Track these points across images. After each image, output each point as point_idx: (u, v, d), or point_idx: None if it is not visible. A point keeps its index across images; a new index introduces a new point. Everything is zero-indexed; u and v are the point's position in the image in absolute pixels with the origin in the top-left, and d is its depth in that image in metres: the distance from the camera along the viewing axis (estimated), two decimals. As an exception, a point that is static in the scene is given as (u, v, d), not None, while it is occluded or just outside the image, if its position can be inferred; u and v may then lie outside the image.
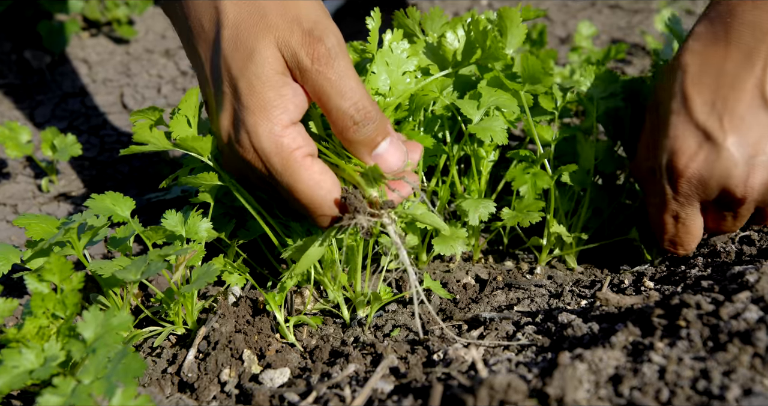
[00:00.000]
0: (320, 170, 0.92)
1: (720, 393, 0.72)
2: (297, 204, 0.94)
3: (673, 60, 1.08)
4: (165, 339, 1.05)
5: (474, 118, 1.09)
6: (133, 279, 0.93)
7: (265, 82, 0.90)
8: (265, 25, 0.91)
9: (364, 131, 0.92)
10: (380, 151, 0.94)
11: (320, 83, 0.90)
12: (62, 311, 0.88)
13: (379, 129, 0.93)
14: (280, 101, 0.90)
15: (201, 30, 0.96)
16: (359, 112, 0.91)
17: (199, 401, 0.93)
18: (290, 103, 0.91)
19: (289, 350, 1.02)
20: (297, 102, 0.91)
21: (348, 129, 0.92)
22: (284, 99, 0.90)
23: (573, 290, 1.10)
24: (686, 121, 1.03)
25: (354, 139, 0.92)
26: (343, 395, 0.86)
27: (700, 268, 1.08)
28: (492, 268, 1.21)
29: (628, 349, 0.82)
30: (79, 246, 1.01)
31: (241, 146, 0.92)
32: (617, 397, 0.75)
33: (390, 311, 1.10)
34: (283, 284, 1.05)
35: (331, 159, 0.96)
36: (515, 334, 0.98)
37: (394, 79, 1.07)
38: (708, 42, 1.04)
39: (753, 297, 0.85)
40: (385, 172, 0.94)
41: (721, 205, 1.06)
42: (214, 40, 0.94)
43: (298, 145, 0.91)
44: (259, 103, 0.90)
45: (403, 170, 0.96)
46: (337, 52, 0.91)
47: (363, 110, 0.91)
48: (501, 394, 0.73)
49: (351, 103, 0.91)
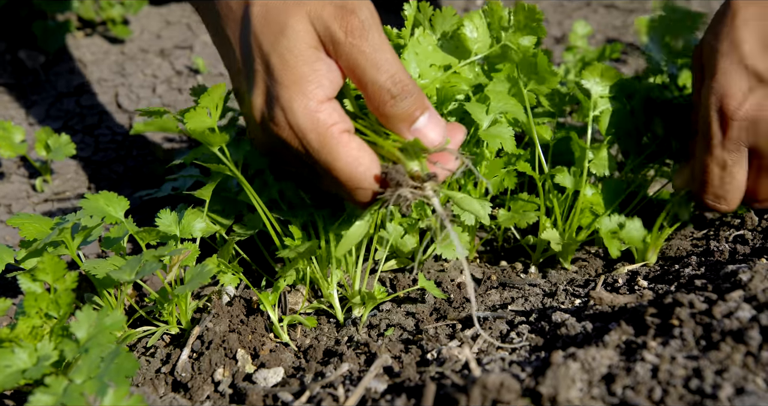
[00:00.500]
0: (358, 146, 0.89)
1: (712, 392, 0.72)
2: (335, 183, 0.92)
3: (722, 5, 1.07)
4: (159, 339, 1.05)
5: (483, 123, 1.09)
6: (128, 279, 0.93)
7: (299, 56, 0.87)
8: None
9: (402, 105, 0.89)
10: (419, 126, 0.91)
11: (354, 56, 0.88)
12: (55, 311, 0.88)
13: (417, 103, 0.90)
14: (314, 76, 0.88)
15: (229, 10, 0.94)
16: (396, 86, 0.88)
17: (193, 400, 0.93)
18: (324, 79, 0.88)
19: (283, 349, 1.02)
20: (331, 77, 0.89)
21: (385, 103, 0.89)
22: (318, 74, 0.88)
23: (567, 289, 1.10)
24: (737, 62, 1.02)
25: (392, 113, 0.89)
26: (337, 394, 0.86)
27: (694, 267, 1.08)
28: (487, 267, 1.21)
29: (621, 348, 0.83)
30: (72, 246, 1.01)
31: (276, 124, 0.90)
32: (610, 396, 0.75)
33: (384, 310, 1.10)
34: (277, 283, 1.05)
35: (369, 137, 0.93)
36: (509, 333, 0.98)
37: (423, 69, 1.07)
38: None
39: (746, 296, 0.85)
40: (427, 146, 0.90)
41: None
42: (242, 18, 0.92)
43: (334, 121, 0.88)
44: (293, 78, 0.87)
45: (444, 148, 0.92)
46: (370, 25, 0.88)
47: (400, 83, 0.88)
48: (494, 393, 0.73)
49: (387, 76, 0.88)
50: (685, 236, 1.24)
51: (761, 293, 0.84)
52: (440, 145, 0.91)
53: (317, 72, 0.88)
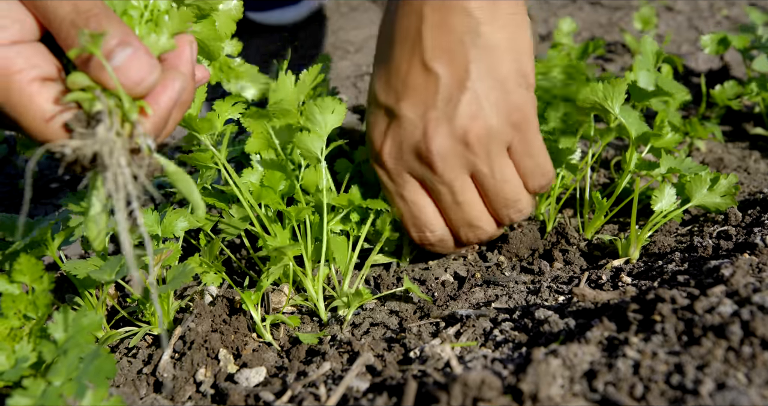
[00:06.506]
0: (51, 98, 0.72)
1: (694, 387, 0.72)
2: (31, 138, 0.76)
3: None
4: (141, 339, 1.04)
5: None
6: (108, 279, 0.92)
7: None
8: None
9: (92, 37, 0.71)
10: (116, 63, 0.72)
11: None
12: (34, 312, 0.87)
13: (114, 34, 0.72)
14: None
15: None
16: (81, 16, 0.72)
17: (174, 401, 0.92)
18: (5, 19, 0.73)
19: (266, 349, 1.01)
20: (16, 17, 0.73)
21: (72, 39, 0.72)
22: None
23: (551, 286, 1.10)
24: (375, 107, 1.08)
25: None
26: (318, 393, 0.85)
27: (677, 263, 1.08)
28: (471, 265, 1.21)
29: (603, 344, 0.82)
30: (53, 246, 1.01)
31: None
32: (591, 392, 0.75)
33: (368, 309, 1.10)
34: (260, 282, 1.05)
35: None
36: (492, 330, 0.98)
37: None
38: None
39: (728, 291, 0.85)
40: (130, 87, 0.73)
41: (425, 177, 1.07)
42: None
43: (20, 68, 0.72)
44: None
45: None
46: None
47: (86, 13, 0.72)
48: (475, 391, 0.73)
49: (71, 7, 0.72)
50: (670, 232, 1.24)
51: (743, 288, 0.84)
52: (148, 82, 0.74)
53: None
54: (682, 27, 2.19)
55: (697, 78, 1.83)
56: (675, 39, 2.10)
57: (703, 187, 1.16)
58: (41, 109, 0.72)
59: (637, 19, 1.93)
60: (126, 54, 0.72)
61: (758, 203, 1.26)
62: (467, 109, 1.01)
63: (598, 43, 1.49)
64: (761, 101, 1.51)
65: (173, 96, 0.76)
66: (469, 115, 1.01)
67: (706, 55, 1.97)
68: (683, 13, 2.29)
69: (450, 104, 1.01)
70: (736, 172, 1.42)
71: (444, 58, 1.01)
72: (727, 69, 1.85)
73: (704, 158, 1.47)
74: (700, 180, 1.15)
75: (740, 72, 1.84)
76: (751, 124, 1.61)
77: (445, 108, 1.01)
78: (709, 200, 1.17)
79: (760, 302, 0.79)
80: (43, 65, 0.73)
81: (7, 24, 0.72)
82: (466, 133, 1.01)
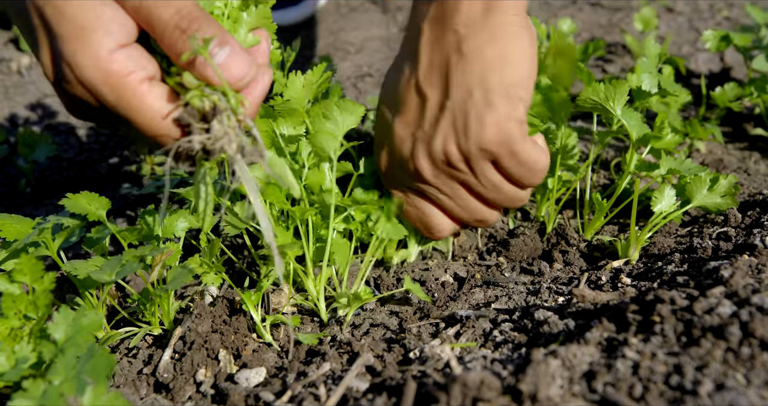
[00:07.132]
0: (160, 95, 0.79)
1: (692, 388, 0.72)
2: (144, 137, 0.83)
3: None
4: (141, 340, 1.04)
5: None
6: (108, 280, 0.92)
7: (76, 5, 0.77)
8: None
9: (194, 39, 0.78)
10: (218, 62, 0.79)
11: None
12: (34, 313, 0.87)
13: (213, 35, 0.78)
14: (98, 23, 0.77)
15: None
16: (184, 19, 0.78)
17: (175, 401, 0.92)
18: (112, 24, 0.78)
19: (266, 349, 1.01)
20: (121, 21, 0.78)
21: (176, 41, 0.78)
22: (104, 20, 0.77)
23: (551, 286, 1.10)
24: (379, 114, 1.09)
25: (186, 50, 0.78)
26: (318, 394, 0.85)
27: (677, 264, 1.08)
28: (471, 265, 1.21)
29: (602, 345, 0.82)
30: (53, 246, 1.01)
31: (67, 82, 0.80)
32: (591, 393, 0.75)
33: (368, 309, 1.10)
34: (260, 283, 1.05)
35: (175, 80, 0.82)
36: (492, 331, 0.98)
37: None
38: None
39: (727, 292, 0.85)
40: (232, 83, 0.80)
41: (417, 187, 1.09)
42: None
43: (129, 70, 0.78)
44: (73, 30, 0.77)
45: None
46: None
47: (188, 16, 0.78)
48: (474, 391, 0.73)
49: (174, 11, 0.78)
50: (669, 233, 1.24)
51: (742, 289, 0.84)
52: (246, 77, 0.81)
53: (101, 18, 0.77)
54: (682, 28, 2.19)
55: (697, 79, 1.84)
56: (675, 40, 2.10)
57: (702, 188, 1.16)
58: (153, 107, 0.79)
59: (637, 20, 1.93)
60: (225, 53, 0.79)
61: (758, 205, 1.26)
62: (445, 131, 1.01)
63: (599, 44, 1.49)
64: (761, 103, 1.51)
65: (265, 88, 0.83)
66: (446, 137, 1.01)
67: (706, 57, 1.97)
68: (683, 14, 2.29)
69: (432, 126, 1.02)
70: (736, 174, 1.42)
71: (433, 80, 1.01)
72: (728, 70, 1.85)
73: (704, 159, 1.47)
74: (700, 181, 1.15)
75: (740, 73, 1.84)
76: (751, 124, 1.61)
77: (429, 130, 1.02)
78: (709, 201, 1.17)
79: (759, 303, 0.80)
80: (149, 66, 0.80)
81: (114, 29, 0.78)
82: (447, 154, 1.02)
